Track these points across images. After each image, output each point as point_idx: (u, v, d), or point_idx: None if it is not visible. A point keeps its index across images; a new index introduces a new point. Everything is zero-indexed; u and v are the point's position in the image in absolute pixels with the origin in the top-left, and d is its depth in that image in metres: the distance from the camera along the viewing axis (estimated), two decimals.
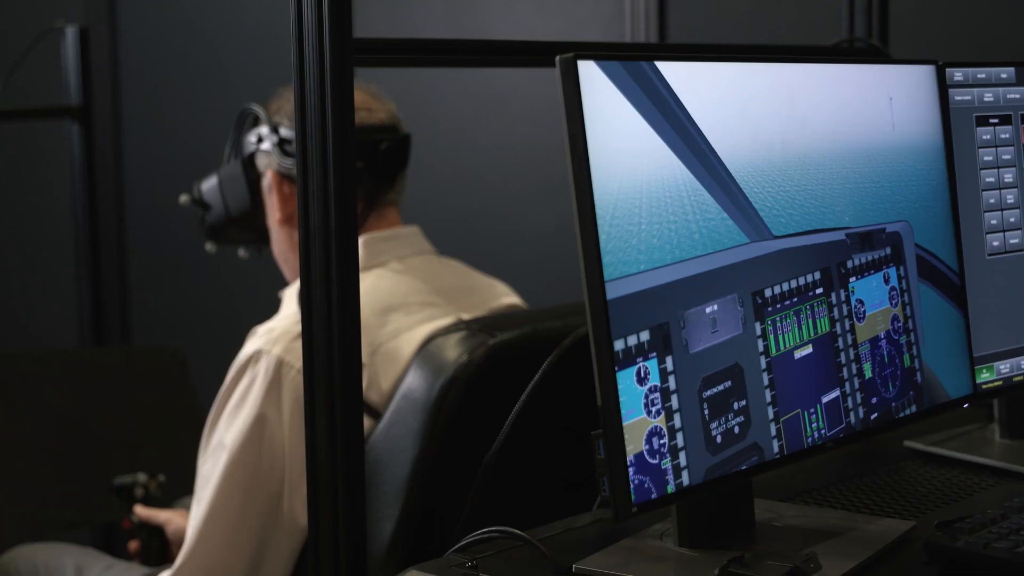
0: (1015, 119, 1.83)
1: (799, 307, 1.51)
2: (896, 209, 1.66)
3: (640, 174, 1.37)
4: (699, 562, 1.45)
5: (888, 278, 1.64)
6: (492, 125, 3.66)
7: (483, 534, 1.56)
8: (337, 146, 1.59)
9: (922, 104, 1.73)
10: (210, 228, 2.37)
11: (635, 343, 1.34)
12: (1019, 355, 1.86)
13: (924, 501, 1.75)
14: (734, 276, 1.44)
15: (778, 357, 1.49)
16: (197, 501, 2.05)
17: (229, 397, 2.06)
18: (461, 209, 3.62)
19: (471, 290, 2.26)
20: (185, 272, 4.37)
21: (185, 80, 4.38)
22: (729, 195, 1.45)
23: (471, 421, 1.91)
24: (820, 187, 1.56)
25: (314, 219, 1.61)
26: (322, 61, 1.57)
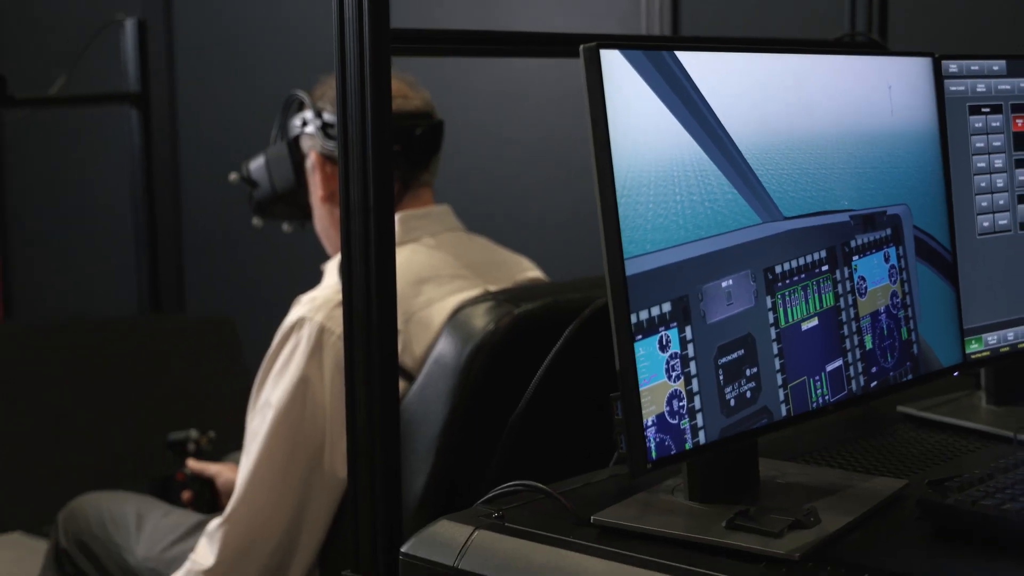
0: (1005, 108, 1.82)
1: (806, 283, 1.51)
2: (896, 193, 1.65)
3: (659, 156, 1.38)
4: (708, 515, 1.45)
5: (888, 257, 1.64)
6: (515, 113, 3.66)
7: (509, 487, 1.57)
8: (376, 129, 1.58)
9: (919, 94, 1.71)
10: (257, 204, 2.37)
11: (658, 314, 1.35)
12: (1005, 328, 1.85)
13: (916, 461, 1.74)
14: (748, 254, 1.45)
15: (787, 328, 1.49)
16: (246, 455, 2.06)
17: (275, 360, 2.06)
18: (488, 190, 3.62)
19: (497, 264, 2.26)
20: (234, 246, 4.38)
21: (234, 68, 4.38)
22: (743, 177, 1.45)
23: (497, 384, 1.91)
24: (825, 171, 1.55)
25: (354, 197, 1.61)
26: (362, 50, 1.56)
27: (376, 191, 1.59)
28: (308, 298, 2.09)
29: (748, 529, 1.40)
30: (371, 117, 1.57)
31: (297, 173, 2.28)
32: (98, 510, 2.50)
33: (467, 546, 1.45)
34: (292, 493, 2.02)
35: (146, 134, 3.30)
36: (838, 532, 1.42)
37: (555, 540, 1.42)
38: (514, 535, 1.45)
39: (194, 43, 4.46)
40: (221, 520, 2.06)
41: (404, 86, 2.28)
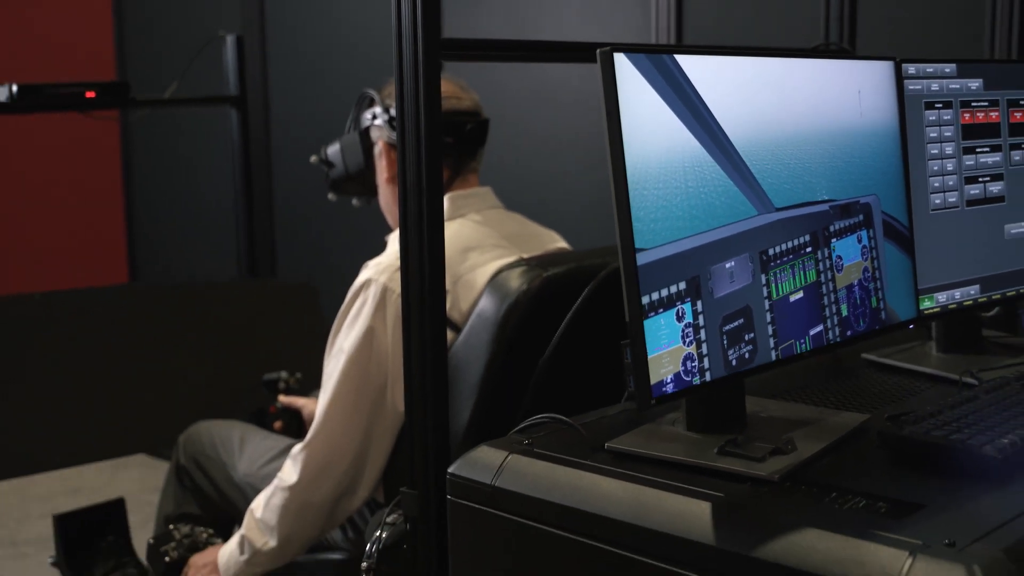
0: (955, 104, 1.80)
1: (793, 262, 1.52)
2: (867, 185, 1.64)
3: (664, 151, 1.37)
4: (703, 443, 1.44)
5: (861, 239, 1.64)
6: (547, 111, 3.64)
7: (537, 420, 1.57)
8: (428, 123, 1.58)
9: (883, 93, 1.68)
10: (332, 182, 2.37)
11: (676, 291, 1.37)
12: (953, 288, 1.82)
13: (877, 400, 1.72)
14: (746, 240, 1.46)
15: (778, 300, 1.50)
16: (323, 392, 2.06)
17: (347, 314, 2.06)
18: (524, 175, 3.60)
19: (530, 236, 2.25)
20: (316, 222, 4.40)
21: (315, 73, 4.38)
22: (740, 173, 1.45)
23: (529, 335, 1.90)
24: (806, 166, 1.55)
25: (410, 179, 1.60)
26: (416, 56, 1.56)
27: (428, 175, 1.58)
28: (374, 263, 2.08)
29: (736, 455, 1.39)
30: (424, 112, 1.56)
31: (366, 158, 2.28)
32: (210, 435, 2.52)
33: (502, 468, 1.45)
34: (360, 423, 2.02)
35: (244, 130, 3.30)
36: (811, 457, 1.41)
37: (575, 463, 1.42)
38: (541, 459, 1.45)
39: (282, 54, 4.46)
40: (302, 446, 2.06)
41: (457, 89, 2.26)
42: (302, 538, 2.10)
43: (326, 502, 2.05)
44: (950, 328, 1.92)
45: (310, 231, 4.49)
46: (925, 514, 1.24)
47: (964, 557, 1.12)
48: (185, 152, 4.96)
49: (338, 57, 4.26)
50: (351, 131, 2.30)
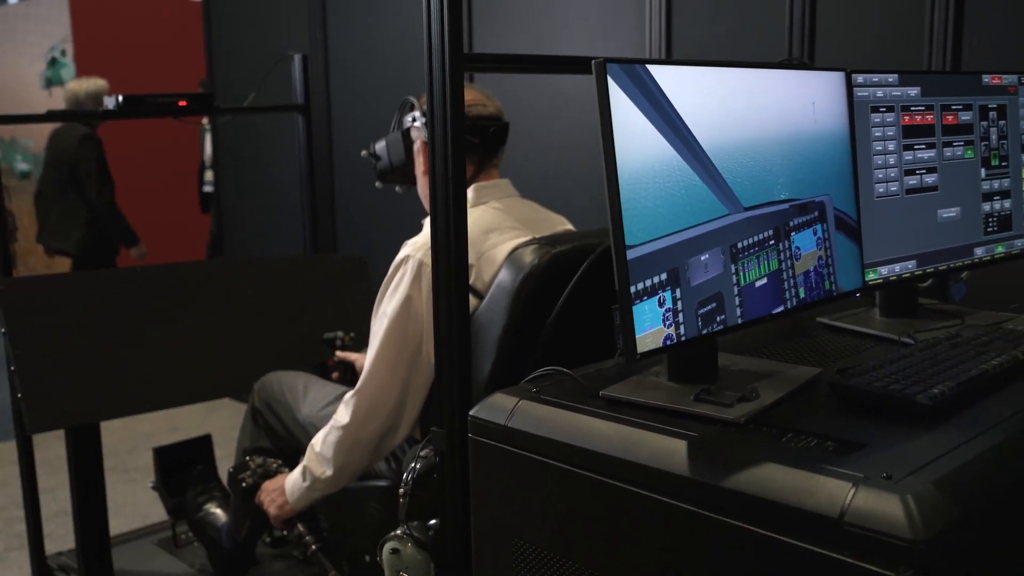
0: (896, 108, 1.75)
1: (759, 253, 1.48)
2: (822, 185, 1.60)
3: (643, 157, 1.33)
4: (682, 391, 1.42)
5: (816, 232, 1.60)
6: (557, 114, 3.60)
7: (544, 371, 1.55)
8: (453, 124, 1.55)
9: (836, 99, 1.64)
10: (379, 173, 2.34)
11: (658, 281, 1.34)
12: (893, 263, 1.79)
13: (829, 356, 1.69)
14: (719, 236, 1.43)
15: (745, 287, 1.47)
16: (370, 348, 2.05)
17: (389, 284, 2.04)
18: (537, 168, 3.57)
19: (542, 220, 2.22)
20: (367, 209, 4.39)
21: (368, 85, 4.36)
22: (712, 177, 1.41)
23: (540, 302, 1.88)
24: (768, 169, 1.50)
25: (439, 172, 1.58)
26: (443, 69, 1.52)
27: (453, 168, 1.56)
28: (411, 242, 2.06)
29: (708, 401, 1.37)
30: (450, 115, 1.54)
31: (407, 153, 2.25)
32: (279, 383, 2.51)
33: (514, 411, 1.43)
34: (400, 374, 2.00)
35: (308, 133, 3.29)
36: (772, 404, 1.39)
37: (574, 408, 1.40)
38: (546, 404, 1.43)
39: (340, 70, 4.45)
40: (353, 393, 2.04)
41: (482, 97, 2.23)
42: (353, 468, 2.10)
43: (373, 439, 2.04)
44: (891, 296, 1.89)
45: (362, 215, 4.48)
46: (866, 452, 1.21)
47: (898, 488, 1.10)
48: (261, 151, 4.96)
49: (384, 71, 4.25)
50: (394, 131, 2.28)
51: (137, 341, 2.70)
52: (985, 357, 1.53)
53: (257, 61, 4.67)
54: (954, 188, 1.85)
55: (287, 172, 4.34)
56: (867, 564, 1.06)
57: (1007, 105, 1.92)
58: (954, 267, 1.87)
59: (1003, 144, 1.92)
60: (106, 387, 2.61)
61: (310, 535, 2.26)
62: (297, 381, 2.50)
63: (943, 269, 1.86)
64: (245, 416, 2.58)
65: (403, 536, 1.67)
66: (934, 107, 1.80)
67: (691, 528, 1.21)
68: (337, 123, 4.50)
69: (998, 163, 1.92)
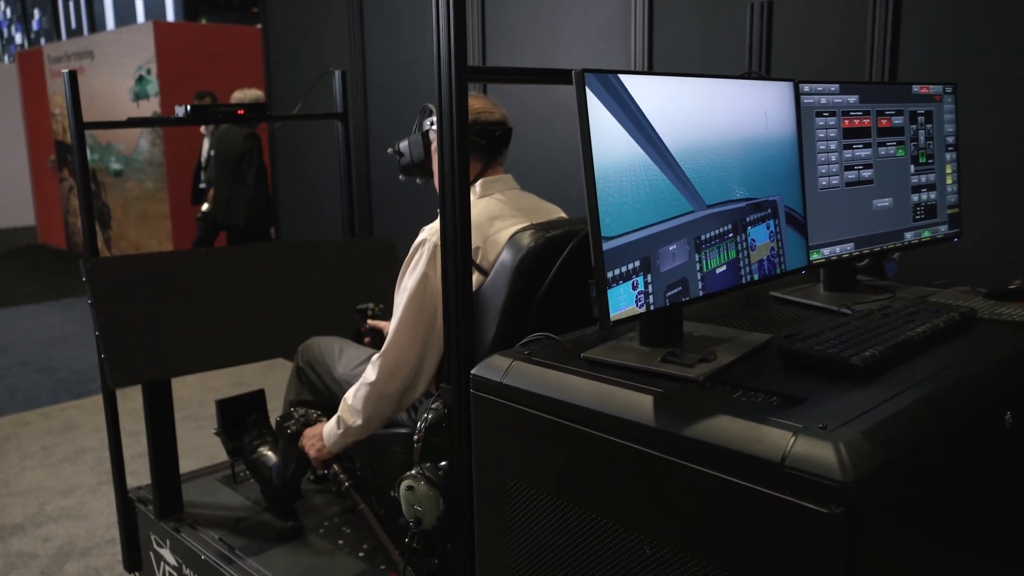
0: (838, 113, 1.70)
1: (719, 244, 1.44)
2: (774, 187, 1.56)
3: (617, 158, 1.28)
4: (651, 353, 1.38)
5: (769, 226, 1.55)
6: (557, 120, 3.56)
7: (535, 337, 1.52)
8: (458, 127, 1.51)
9: (786, 106, 1.59)
10: (403, 168, 2.29)
11: (632, 267, 1.30)
12: (834, 244, 1.74)
13: (778, 324, 1.65)
14: (685, 230, 1.38)
15: (707, 272, 1.42)
16: (393, 318, 2.01)
17: (409, 263, 2.00)
18: (537, 165, 3.52)
19: (539, 209, 2.17)
20: (398, 200, 4.35)
21: (399, 93, 4.32)
22: (679, 179, 1.37)
23: (535, 279, 1.83)
24: (727, 170, 1.45)
25: (447, 166, 1.54)
26: (450, 78, 1.48)
27: (458, 165, 1.52)
28: (428, 228, 2.02)
29: (674, 362, 1.33)
30: (456, 118, 1.50)
31: (426, 152, 2.21)
32: (319, 346, 2.49)
33: (508, 370, 1.40)
34: (419, 339, 1.97)
35: (347, 138, 3.24)
36: (727, 364, 1.35)
37: (559, 367, 1.37)
38: (536, 364, 1.40)
39: (375, 83, 4.40)
40: (379, 355, 2.02)
41: (490, 104, 2.18)
42: (379, 418, 2.07)
43: (395, 394, 2.01)
44: (833, 273, 1.84)
45: (395, 206, 4.45)
46: (806, 406, 1.18)
47: (832, 436, 1.06)
48: (308, 152, 4.93)
49: (413, 83, 4.20)
50: (415, 132, 2.24)
51: (200, 310, 2.69)
52: (912, 325, 1.49)
53: (306, 76, 4.63)
54: (887, 182, 1.80)
55: (330, 172, 4.33)
56: (804, 502, 1.03)
57: (933, 111, 1.87)
58: (887, 249, 1.82)
59: (930, 144, 1.87)
60: (175, 349, 2.59)
61: (343, 474, 2.23)
62: (334, 344, 2.47)
63: (877, 250, 1.81)
64: (291, 374, 2.56)
65: (417, 476, 1.64)
66: (870, 112, 1.75)
67: (656, 471, 1.18)
68: (374, 128, 4.46)
69: (925, 160, 1.86)
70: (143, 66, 8.44)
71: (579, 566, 1.30)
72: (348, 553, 2.43)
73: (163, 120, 2.83)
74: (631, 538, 1.22)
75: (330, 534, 2.54)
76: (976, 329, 1.57)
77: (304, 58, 4.86)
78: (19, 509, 3.56)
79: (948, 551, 1.28)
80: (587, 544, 1.28)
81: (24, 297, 8.03)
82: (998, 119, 2.35)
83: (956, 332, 1.54)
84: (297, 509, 2.67)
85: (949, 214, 1.93)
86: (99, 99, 8.99)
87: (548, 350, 1.45)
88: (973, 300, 1.75)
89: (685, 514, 1.15)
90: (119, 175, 9.27)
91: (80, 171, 2.61)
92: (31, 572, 3.06)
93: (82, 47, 9.62)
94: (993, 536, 1.41)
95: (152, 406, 2.62)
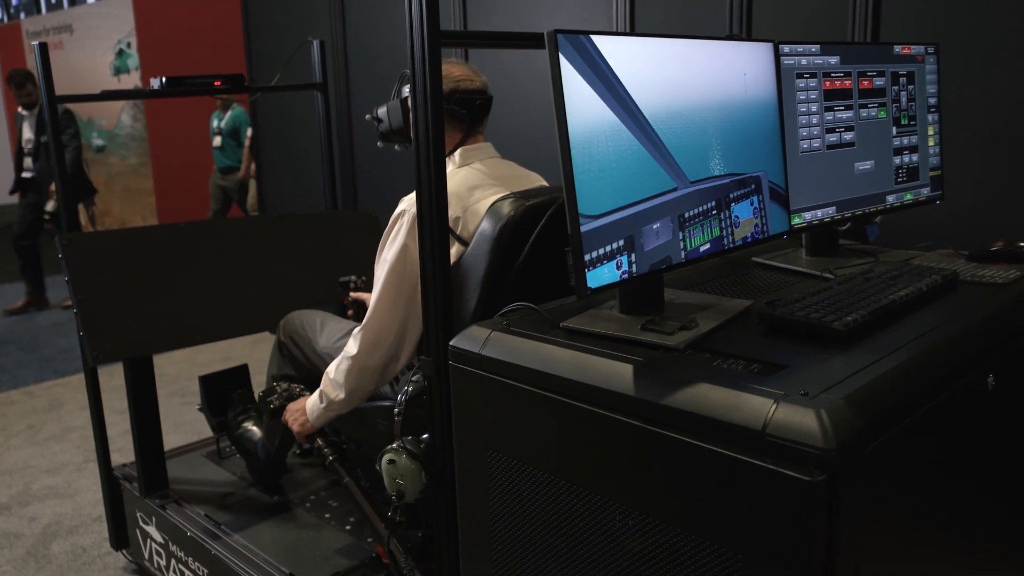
0: (819, 75, 1.67)
1: (703, 222, 1.41)
2: (756, 163, 1.53)
3: (590, 123, 1.24)
4: (631, 322, 1.36)
5: (753, 202, 1.52)
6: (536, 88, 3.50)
7: (514, 307, 1.49)
8: (432, 93, 1.47)
9: (766, 69, 1.56)
10: (381, 135, 2.25)
11: (616, 246, 1.27)
12: (816, 208, 1.72)
13: (760, 290, 1.63)
14: (668, 207, 1.35)
15: (691, 250, 1.40)
16: (374, 289, 1.98)
17: (389, 234, 1.97)
18: (517, 132, 3.48)
19: (519, 177, 2.14)
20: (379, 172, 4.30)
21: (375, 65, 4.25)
22: (658, 149, 1.32)
23: (515, 247, 1.81)
24: (705, 136, 1.41)
25: (422, 135, 1.50)
26: (423, 44, 1.44)
27: (433, 132, 1.48)
28: (407, 199, 1.98)
29: (654, 330, 1.31)
30: (430, 86, 1.46)
31: (404, 118, 2.16)
32: (300, 320, 2.45)
33: (487, 341, 1.38)
34: (400, 311, 1.94)
35: (327, 108, 3.19)
36: (708, 332, 1.33)
37: (538, 337, 1.34)
38: (514, 335, 1.37)
39: (355, 53, 4.32)
40: (360, 327, 1.99)
41: (471, 72, 2.14)
42: (362, 391, 2.04)
43: (378, 366, 1.99)
44: (815, 238, 1.82)
45: (375, 177, 4.40)
46: (787, 372, 1.16)
47: (814, 403, 1.04)
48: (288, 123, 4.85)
49: (388, 53, 4.13)
50: (394, 98, 2.19)
51: (181, 286, 2.65)
52: (894, 289, 1.47)
53: (287, 46, 4.55)
54: (869, 144, 1.77)
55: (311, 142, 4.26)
56: (785, 470, 1.01)
57: (915, 72, 1.84)
58: (869, 212, 1.80)
59: (911, 106, 1.84)
60: (154, 325, 2.55)
61: (328, 448, 2.21)
62: (315, 318, 2.44)
63: (859, 214, 1.79)
64: (273, 348, 2.53)
65: (399, 449, 1.62)
66: (851, 74, 1.72)
67: (635, 440, 1.16)
68: (357, 98, 4.39)
69: (907, 122, 1.84)
70: (123, 39, 8.31)
71: (560, 536, 1.28)
72: (335, 527, 2.42)
73: (137, 93, 2.78)
74: (610, 507, 1.20)
75: (316, 508, 2.53)
76: (958, 292, 1.55)
77: (284, 28, 4.77)
78: (4, 488, 3.53)
79: (931, 514, 1.27)
80: (566, 514, 1.27)
81: (7, 275, 7.96)
82: (980, 80, 2.32)
83: (939, 295, 1.52)
84: (283, 484, 2.66)
85: (931, 176, 1.90)
86: (80, 74, 8.86)
87: (527, 320, 1.43)
88: (955, 262, 1.73)
89: (664, 483, 1.13)
90: (101, 151, 9.16)
91: (55, 145, 2.56)
92: (17, 552, 3.04)
93: (61, 21, 9.46)
94: (980, 496, 1.41)
95: (134, 383, 2.59)
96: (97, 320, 2.44)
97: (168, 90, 2.77)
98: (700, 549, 1.11)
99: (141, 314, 2.53)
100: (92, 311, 2.43)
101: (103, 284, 2.48)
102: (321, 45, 3.16)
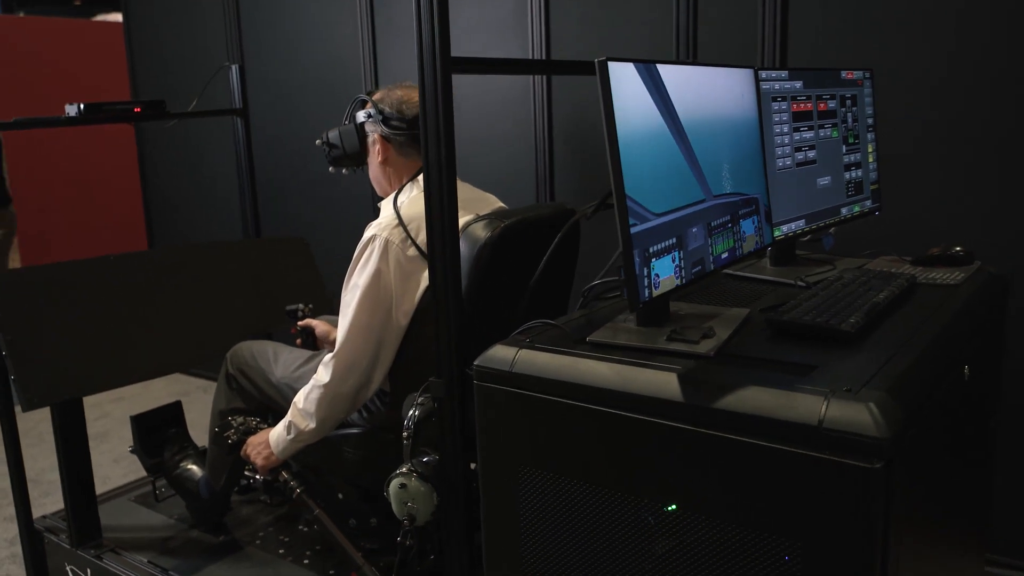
0: (788, 98, 1.80)
1: (723, 232, 1.54)
2: (754, 185, 1.66)
3: (647, 143, 1.34)
4: (652, 333, 1.42)
5: (754, 221, 1.66)
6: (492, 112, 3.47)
7: (531, 324, 1.52)
8: (445, 121, 1.50)
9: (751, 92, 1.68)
10: (333, 159, 2.23)
11: (672, 242, 1.38)
12: (791, 222, 1.84)
13: (744, 298, 1.73)
14: (702, 215, 1.47)
15: (716, 256, 1.52)
16: (343, 316, 1.97)
17: (359, 260, 1.97)
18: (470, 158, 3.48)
19: (479, 200, 2.17)
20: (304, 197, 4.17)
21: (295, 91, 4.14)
22: (694, 166, 1.45)
23: (494, 268, 1.84)
24: (719, 160, 1.54)
25: (433, 159, 1.52)
26: (435, 70, 1.46)
27: (445, 155, 1.51)
28: (376, 223, 1.99)
29: (680, 340, 1.38)
30: (442, 112, 1.49)
31: (360, 143, 2.16)
32: (250, 350, 2.38)
33: (515, 359, 1.40)
34: (373, 336, 1.94)
35: (247, 133, 3.13)
36: (728, 338, 1.40)
37: (570, 352, 1.38)
38: (541, 351, 1.40)
39: (272, 79, 4.18)
40: (332, 355, 1.97)
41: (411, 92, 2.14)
42: (333, 420, 2.03)
43: (351, 392, 1.98)
44: (778, 250, 1.95)
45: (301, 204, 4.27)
46: (820, 372, 1.25)
47: (862, 397, 1.14)
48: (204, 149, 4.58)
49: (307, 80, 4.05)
50: (347, 123, 2.18)
51: (114, 322, 2.53)
52: (872, 293, 1.60)
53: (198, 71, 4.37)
54: (826, 161, 1.92)
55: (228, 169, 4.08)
56: (846, 460, 1.10)
57: (857, 94, 2.00)
58: (827, 224, 1.94)
59: (856, 126, 2.01)
60: (88, 365, 2.43)
61: (294, 480, 2.17)
62: (267, 348, 2.39)
63: (821, 226, 1.93)
64: (219, 381, 2.45)
65: (408, 472, 1.62)
66: (811, 97, 1.86)
67: (688, 445, 1.22)
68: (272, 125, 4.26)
69: (853, 141, 2.00)
70: None
71: (598, 541, 1.33)
72: (292, 561, 2.36)
73: (54, 121, 2.65)
74: (655, 510, 1.26)
75: (268, 544, 2.46)
76: (920, 293, 1.71)
77: (174, 52, 4.62)
78: None
79: (945, 494, 1.39)
80: (605, 521, 1.31)
81: None
82: (898, 103, 2.53)
83: (907, 297, 1.66)
84: (226, 523, 2.57)
85: (872, 190, 2.08)
86: None
87: (547, 336, 1.47)
88: (903, 267, 1.90)
89: (719, 482, 1.20)
90: None
91: None
92: None
93: None
94: (970, 470, 1.55)
95: (64, 427, 2.45)
96: (27, 362, 2.30)
97: (87, 117, 2.66)
98: (757, 542, 1.18)
99: (72, 354, 2.40)
100: (21, 353, 2.30)
101: (31, 323, 2.35)
102: (240, 70, 3.10)
